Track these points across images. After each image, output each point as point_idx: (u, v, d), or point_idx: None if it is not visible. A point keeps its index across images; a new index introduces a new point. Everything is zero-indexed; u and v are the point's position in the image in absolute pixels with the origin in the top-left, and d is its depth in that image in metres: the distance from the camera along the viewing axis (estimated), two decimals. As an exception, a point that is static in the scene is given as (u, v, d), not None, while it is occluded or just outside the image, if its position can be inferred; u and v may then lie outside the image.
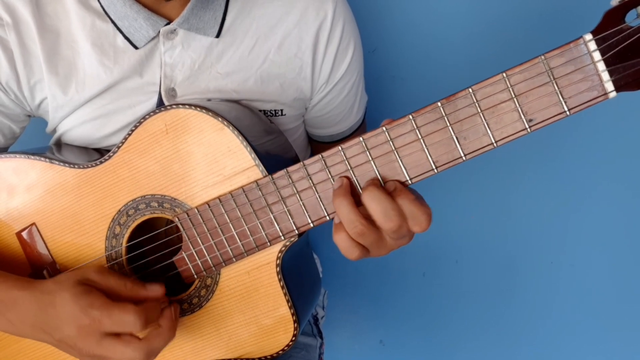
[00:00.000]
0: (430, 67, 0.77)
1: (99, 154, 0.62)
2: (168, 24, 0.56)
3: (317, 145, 0.71)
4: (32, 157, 0.57)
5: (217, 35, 0.58)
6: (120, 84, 0.58)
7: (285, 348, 0.55)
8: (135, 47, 0.57)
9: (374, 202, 0.45)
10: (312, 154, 0.74)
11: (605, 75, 0.42)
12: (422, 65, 0.77)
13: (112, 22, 0.56)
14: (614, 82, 0.42)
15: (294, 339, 0.55)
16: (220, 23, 0.57)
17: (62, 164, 0.56)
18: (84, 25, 0.57)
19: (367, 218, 0.45)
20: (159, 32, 0.56)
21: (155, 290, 0.52)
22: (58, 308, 0.50)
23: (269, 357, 0.56)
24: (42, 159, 0.57)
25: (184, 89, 0.58)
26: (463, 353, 0.89)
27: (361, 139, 0.47)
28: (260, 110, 0.60)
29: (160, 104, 0.58)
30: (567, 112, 0.43)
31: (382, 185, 0.47)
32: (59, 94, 0.58)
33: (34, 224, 0.58)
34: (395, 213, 0.44)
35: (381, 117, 0.79)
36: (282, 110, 0.61)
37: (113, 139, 0.60)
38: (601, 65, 0.42)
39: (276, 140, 0.58)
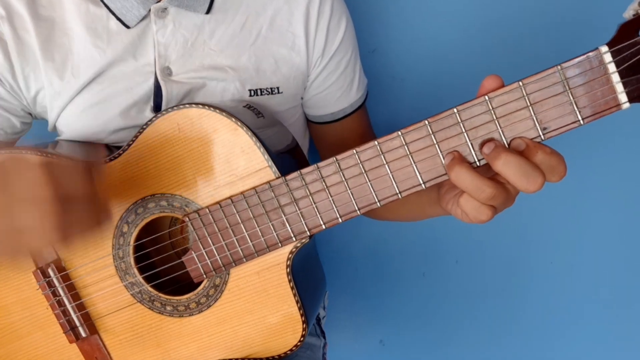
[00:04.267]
0: (430, 67, 0.77)
1: (105, 148, 0.61)
2: (159, 1, 0.57)
3: (319, 128, 0.70)
4: (38, 152, 0.56)
5: (208, 12, 0.58)
6: (115, 67, 0.58)
7: (294, 348, 0.56)
8: (127, 27, 0.57)
9: (512, 168, 0.43)
10: (315, 141, 0.74)
11: (620, 87, 0.43)
12: (422, 65, 0.77)
13: (105, 5, 0.58)
14: (628, 94, 0.43)
15: (302, 339, 0.55)
16: (210, 0, 0.58)
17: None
18: (78, 11, 0.58)
19: (494, 179, 0.44)
20: (150, 10, 0.57)
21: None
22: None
23: (276, 357, 0.57)
24: (47, 155, 0.56)
25: (179, 66, 0.59)
26: (463, 353, 0.90)
27: (376, 142, 0.48)
28: (258, 89, 0.60)
29: (156, 84, 0.58)
30: (581, 122, 0.44)
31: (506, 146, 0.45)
32: (55, 80, 0.58)
33: (37, 220, 0.57)
34: (537, 173, 0.43)
35: (382, 117, 0.80)
36: (278, 88, 0.62)
37: (113, 123, 0.60)
38: (616, 77, 0.42)
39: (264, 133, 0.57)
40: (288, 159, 0.57)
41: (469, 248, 0.86)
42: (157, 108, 0.59)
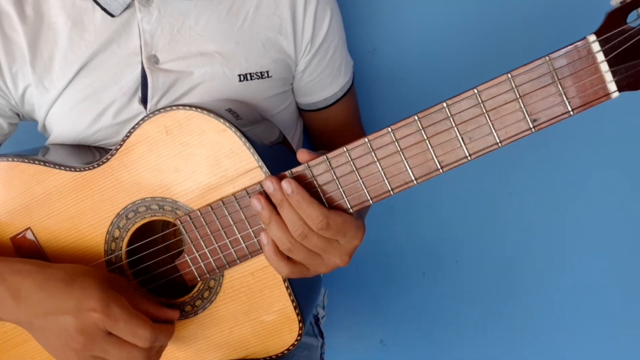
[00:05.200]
0: (430, 67, 0.78)
1: (91, 152, 0.61)
2: None
3: (313, 115, 0.71)
4: (26, 160, 0.56)
5: None
6: (100, 56, 0.58)
7: (291, 348, 0.55)
8: (112, 16, 0.57)
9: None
10: (309, 130, 0.74)
11: (609, 76, 0.42)
12: (422, 65, 0.77)
13: None
14: (617, 83, 0.42)
15: (299, 338, 0.55)
16: None
17: (57, 167, 0.55)
18: (64, 6, 0.58)
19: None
20: None
21: (172, 312, 0.54)
22: (74, 290, 0.50)
23: (273, 357, 0.56)
24: (36, 162, 0.56)
25: (166, 54, 0.59)
26: (463, 353, 0.90)
27: (366, 139, 0.47)
28: (247, 73, 0.60)
29: (143, 74, 0.58)
30: (571, 112, 0.44)
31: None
32: (44, 75, 0.59)
33: (29, 228, 0.57)
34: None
35: (381, 117, 0.80)
36: (268, 72, 0.61)
37: (102, 121, 0.60)
38: (604, 66, 0.42)
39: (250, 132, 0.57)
40: (281, 158, 0.56)
41: (469, 248, 0.85)
42: (144, 99, 0.59)
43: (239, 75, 0.60)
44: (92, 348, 0.49)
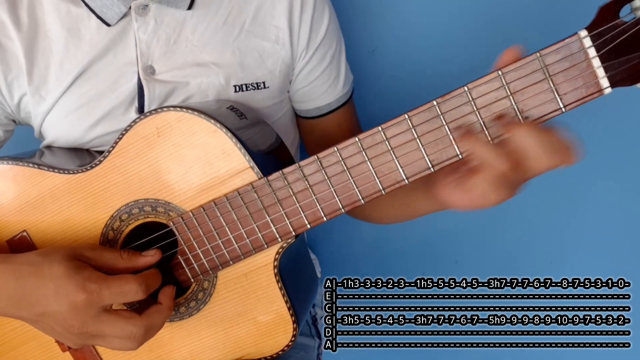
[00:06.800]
0: (430, 67, 0.77)
1: (89, 155, 0.61)
2: None
3: (307, 123, 0.70)
4: (20, 162, 0.56)
5: (189, 7, 0.58)
6: (96, 66, 0.58)
7: (285, 349, 0.55)
8: (108, 25, 0.57)
9: (533, 139, 0.42)
10: (302, 137, 0.74)
11: (601, 72, 0.41)
12: (422, 65, 0.77)
13: (85, 4, 0.57)
14: (609, 78, 0.42)
15: (293, 339, 0.55)
16: None
17: (50, 169, 0.56)
18: (59, 13, 0.58)
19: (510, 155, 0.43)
20: (130, 7, 0.57)
21: (152, 254, 0.52)
22: (45, 281, 0.48)
23: (268, 357, 0.56)
24: (30, 165, 0.56)
25: (162, 65, 0.58)
26: (464, 353, 0.89)
27: (357, 138, 0.47)
28: (243, 84, 0.60)
29: (139, 84, 0.58)
30: (563, 109, 0.43)
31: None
32: (40, 84, 0.59)
33: (25, 230, 0.58)
34: (558, 147, 0.42)
35: (381, 117, 0.79)
36: (264, 82, 0.61)
37: (98, 129, 0.60)
38: (596, 62, 0.41)
39: (246, 134, 0.57)
40: (274, 159, 0.56)
41: (468, 248, 0.85)
42: (141, 109, 0.59)
43: (235, 86, 0.60)
44: (88, 327, 0.49)
